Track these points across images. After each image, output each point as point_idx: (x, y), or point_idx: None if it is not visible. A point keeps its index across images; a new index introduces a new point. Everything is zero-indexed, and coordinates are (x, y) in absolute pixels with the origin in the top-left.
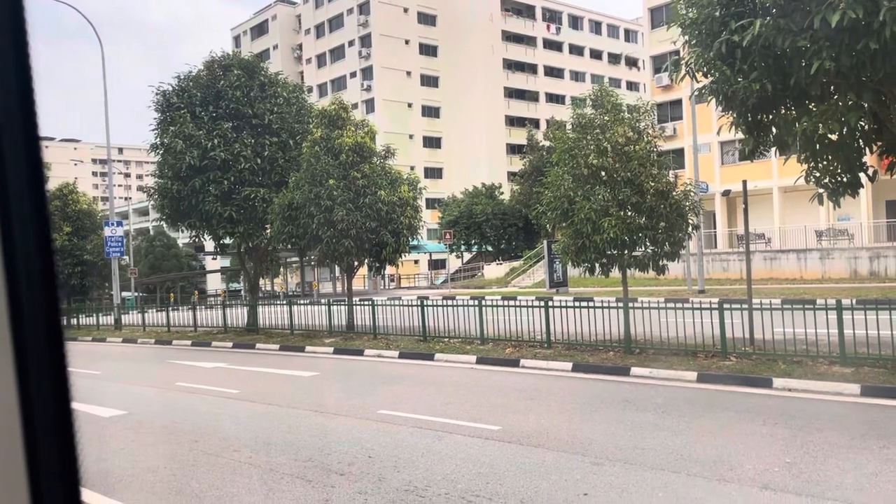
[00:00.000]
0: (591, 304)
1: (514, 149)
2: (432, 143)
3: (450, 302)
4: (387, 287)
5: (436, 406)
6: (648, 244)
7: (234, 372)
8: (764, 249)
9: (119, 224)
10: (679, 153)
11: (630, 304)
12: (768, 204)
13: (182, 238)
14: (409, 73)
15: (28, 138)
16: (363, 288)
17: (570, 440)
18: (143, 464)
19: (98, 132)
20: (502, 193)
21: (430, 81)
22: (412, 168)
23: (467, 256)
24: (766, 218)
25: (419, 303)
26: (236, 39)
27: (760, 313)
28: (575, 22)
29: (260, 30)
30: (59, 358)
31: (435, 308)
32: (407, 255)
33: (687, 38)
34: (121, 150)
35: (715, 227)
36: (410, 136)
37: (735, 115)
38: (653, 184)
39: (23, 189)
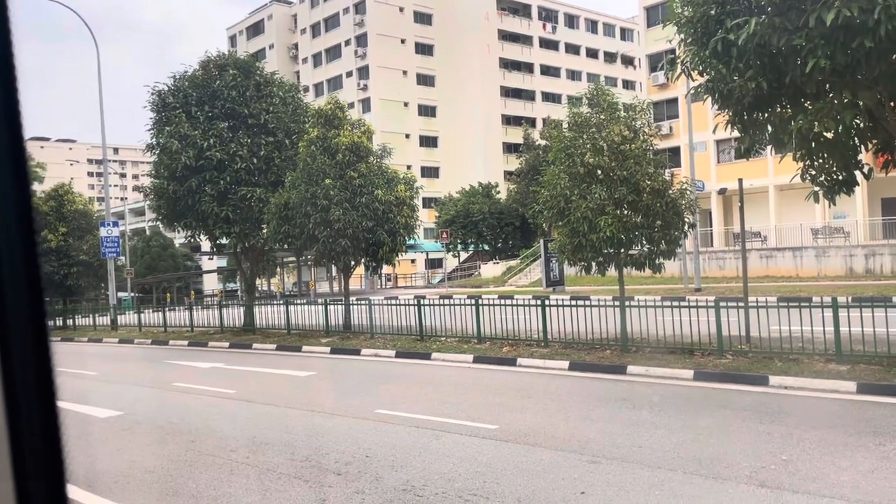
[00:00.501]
0: (587, 302)
1: (510, 148)
2: (429, 142)
3: (447, 301)
4: (384, 286)
5: (433, 405)
6: (645, 243)
7: (231, 372)
8: (760, 248)
9: (115, 224)
10: (675, 151)
11: (626, 303)
12: (764, 202)
13: (178, 238)
14: (405, 73)
15: (12, 136)
16: (360, 287)
17: (568, 438)
18: (139, 464)
19: (94, 132)
20: (499, 192)
21: (426, 80)
22: (409, 167)
23: (464, 255)
24: (762, 216)
25: (416, 302)
26: (232, 39)
27: (756, 311)
28: (571, 21)
29: (256, 29)
30: (44, 357)
31: (432, 307)
32: (404, 254)
33: (682, 36)
34: (116, 150)
35: (711, 226)
36: (407, 136)
37: (731, 114)
38: (649, 182)
39: (7, 188)
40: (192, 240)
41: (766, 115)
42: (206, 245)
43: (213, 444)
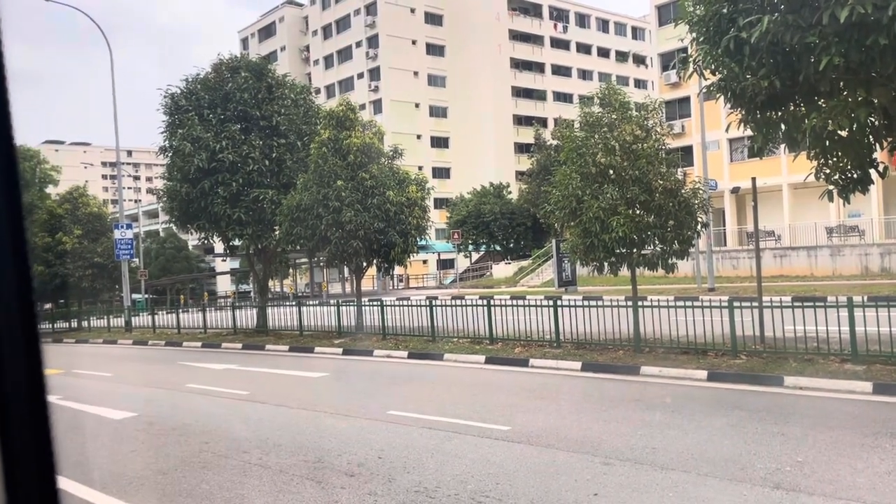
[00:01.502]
0: (600, 302)
1: (521, 148)
2: (440, 142)
3: (458, 302)
4: (395, 287)
5: (445, 406)
6: (657, 242)
7: (244, 373)
8: (774, 247)
9: (129, 227)
10: (688, 151)
11: (639, 303)
12: (778, 201)
13: (192, 240)
14: (416, 74)
15: (2, 138)
16: (372, 288)
17: (580, 440)
18: (153, 466)
19: (108, 135)
20: (510, 193)
21: (437, 81)
22: (420, 168)
23: (476, 256)
24: (775, 215)
25: (428, 303)
26: (244, 41)
27: (771, 311)
28: (582, 20)
29: (267, 32)
30: (34, 353)
31: (444, 308)
32: (415, 255)
33: (694, 35)
34: (130, 153)
35: (724, 225)
36: (418, 137)
37: (744, 112)
38: (661, 182)
39: None
40: (206, 241)
41: (779, 113)
42: (219, 247)
43: (226, 445)
